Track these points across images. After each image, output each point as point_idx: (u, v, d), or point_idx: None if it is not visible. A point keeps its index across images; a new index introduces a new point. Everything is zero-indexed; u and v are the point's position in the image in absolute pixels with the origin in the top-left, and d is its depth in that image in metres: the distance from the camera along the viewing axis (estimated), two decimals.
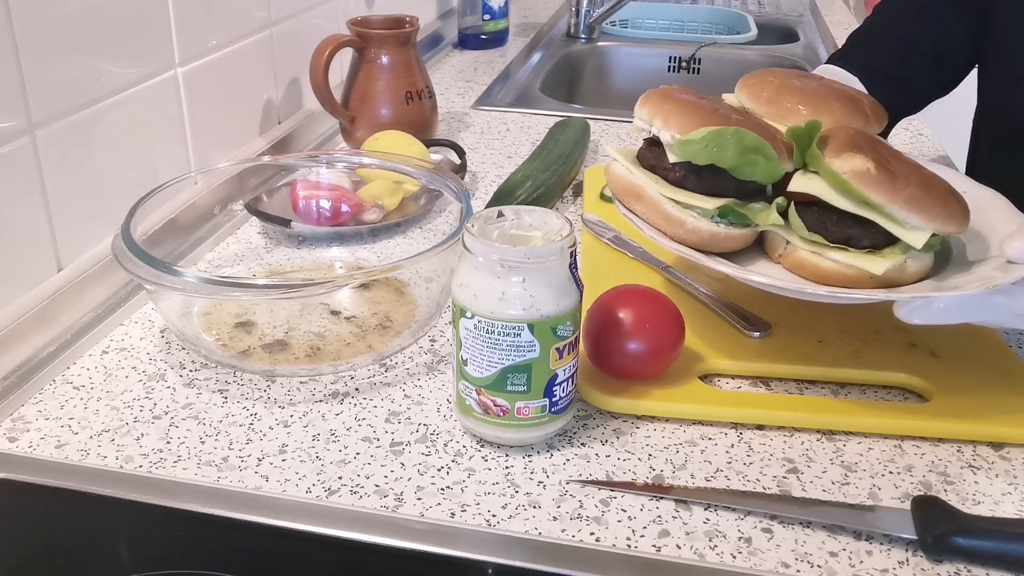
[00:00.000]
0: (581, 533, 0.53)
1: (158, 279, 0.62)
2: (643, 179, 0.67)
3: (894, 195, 0.60)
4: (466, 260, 0.56)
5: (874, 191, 0.60)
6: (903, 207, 0.60)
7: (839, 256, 0.62)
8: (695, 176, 0.65)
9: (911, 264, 0.62)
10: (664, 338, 0.62)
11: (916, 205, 0.60)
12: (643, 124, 0.68)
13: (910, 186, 0.60)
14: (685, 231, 0.65)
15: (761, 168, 0.63)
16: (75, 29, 0.70)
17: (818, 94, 0.72)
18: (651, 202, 0.66)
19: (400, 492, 0.56)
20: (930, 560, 0.52)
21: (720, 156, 0.63)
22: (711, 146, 0.62)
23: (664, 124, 0.65)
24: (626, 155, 0.70)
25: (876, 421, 0.62)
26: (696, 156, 0.63)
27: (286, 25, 1.04)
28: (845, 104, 0.71)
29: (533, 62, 1.58)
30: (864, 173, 0.60)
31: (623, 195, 0.69)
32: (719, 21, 1.89)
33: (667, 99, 0.67)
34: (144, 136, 0.80)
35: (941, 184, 0.63)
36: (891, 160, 0.62)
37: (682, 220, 0.64)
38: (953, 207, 0.62)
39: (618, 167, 0.69)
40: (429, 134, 1.07)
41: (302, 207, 0.88)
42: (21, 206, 0.66)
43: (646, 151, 0.68)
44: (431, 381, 0.67)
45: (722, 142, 0.62)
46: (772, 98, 0.72)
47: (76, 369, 0.67)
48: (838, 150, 0.62)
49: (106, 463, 0.58)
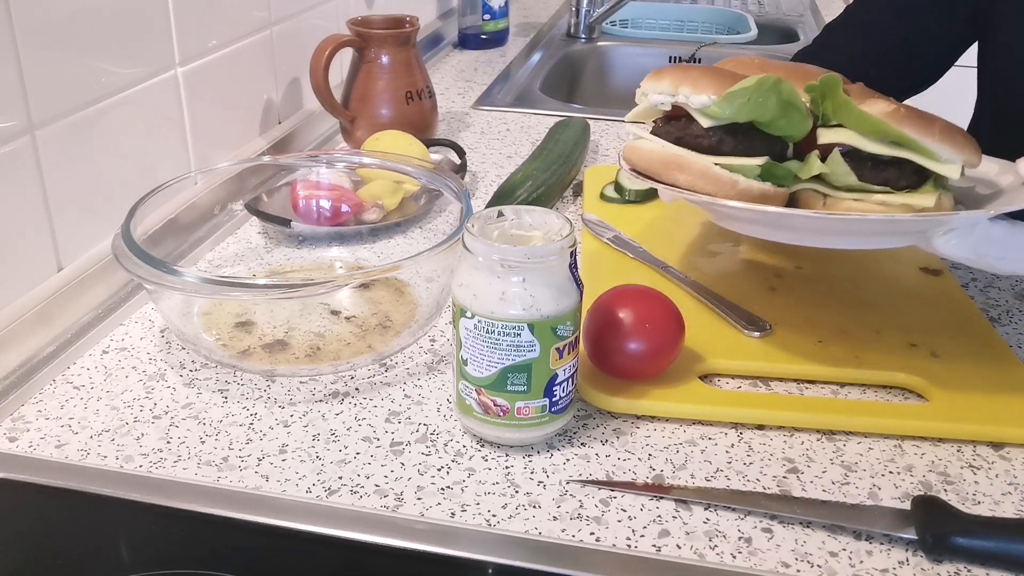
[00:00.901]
0: (581, 533, 0.53)
1: (158, 279, 0.62)
2: (680, 149, 0.65)
3: (927, 129, 0.61)
4: (466, 260, 0.56)
5: (909, 127, 0.61)
6: (937, 139, 0.61)
7: (886, 198, 0.62)
8: (731, 139, 0.64)
9: (945, 200, 0.63)
10: (664, 338, 0.62)
11: (948, 137, 0.61)
12: (663, 97, 0.66)
13: (937, 120, 0.62)
14: (737, 192, 0.63)
15: (796, 121, 0.63)
16: (75, 29, 0.70)
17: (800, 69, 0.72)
18: (699, 169, 0.64)
19: (400, 492, 0.56)
20: (930, 560, 0.52)
21: (763, 109, 0.62)
22: (755, 97, 0.62)
23: (695, 88, 0.64)
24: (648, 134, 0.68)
25: (876, 421, 0.62)
26: (740, 110, 0.62)
27: (286, 25, 1.04)
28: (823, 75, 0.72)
29: (533, 62, 1.58)
30: (895, 112, 0.61)
31: (660, 169, 0.66)
32: (719, 21, 1.89)
33: (688, 68, 0.66)
34: (144, 136, 0.80)
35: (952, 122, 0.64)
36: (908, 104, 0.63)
37: (735, 181, 0.63)
38: (971, 139, 0.63)
39: (647, 144, 0.67)
40: (429, 134, 1.07)
41: (302, 207, 0.88)
42: (21, 206, 0.66)
43: (667, 126, 0.67)
44: (431, 381, 0.67)
45: (765, 93, 0.62)
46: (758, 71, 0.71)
47: (76, 369, 0.67)
48: (860, 97, 0.62)
49: (106, 463, 0.58)
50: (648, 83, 0.68)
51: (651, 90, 0.68)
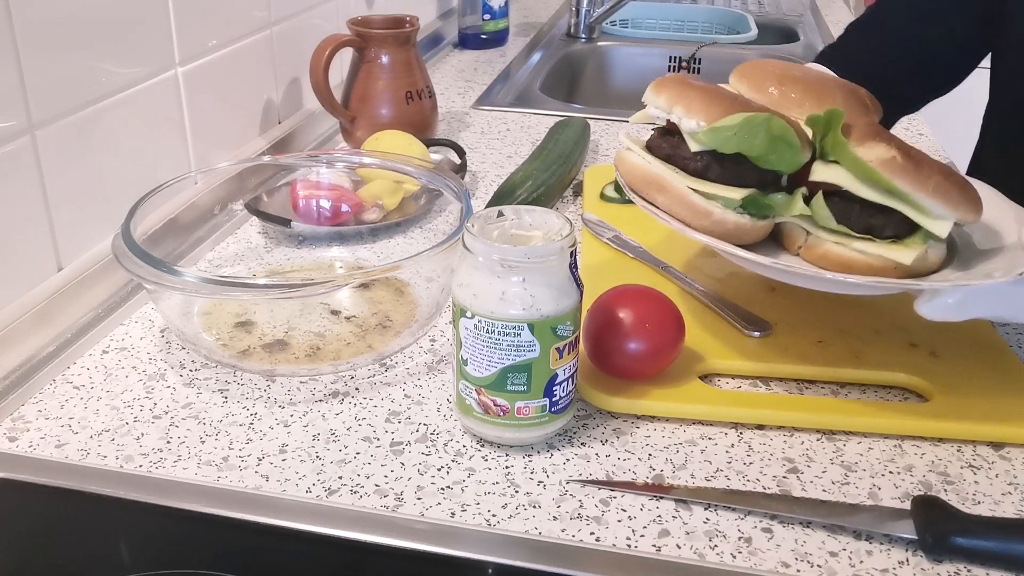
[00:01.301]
0: (581, 533, 0.53)
1: (158, 279, 0.62)
2: (664, 169, 0.65)
3: (921, 183, 0.59)
4: (466, 260, 0.56)
5: (901, 179, 0.59)
6: (930, 196, 0.59)
7: (865, 246, 0.61)
8: (718, 165, 0.63)
9: (931, 254, 0.62)
10: (664, 338, 0.62)
11: (942, 194, 0.59)
12: (659, 112, 0.66)
13: (935, 175, 0.60)
14: (711, 223, 0.63)
15: (787, 157, 0.62)
16: (75, 29, 0.70)
17: (820, 84, 0.71)
18: (675, 193, 0.64)
19: (400, 492, 0.56)
20: (930, 560, 0.52)
21: (750, 144, 0.61)
22: (742, 133, 0.61)
23: (687, 112, 0.63)
24: (638, 145, 0.68)
25: (876, 421, 0.62)
26: (725, 144, 0.62)
27: (286, 25, 1.04)
28: (847, 94, 0.71)
29: (533, 62, 1.58)
30: (890, 161, 0.59)
31: (642, 186, 0.66)
32: (719, 21, 1.89)
33: (687, 86, 0.65)
34: (144, 136, 0.80)
35: (957, 174, 0.62)
36: (911, 151, 0.61)
37: (709, 211, 0.62)
38: (972, 195, 0.61)
39: (634, 157, 0.67)
40: (429, 134, 1.07)
41: (302, 207, 0.88)
42: (21, 206, 0.66)
43: (660, 141, 0.66)
44: (431, 381, 0.67)
45: (753, 129, 0.61)
46: (775, 89, 0.70)
47: (76, 369, 0.67)
48: (861, 139, 0.61)
49: (106, 463, 0.58)
50: (648, 94, 0.68)
51: (650, 102, 0.67)
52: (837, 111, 0.62)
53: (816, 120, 0.63)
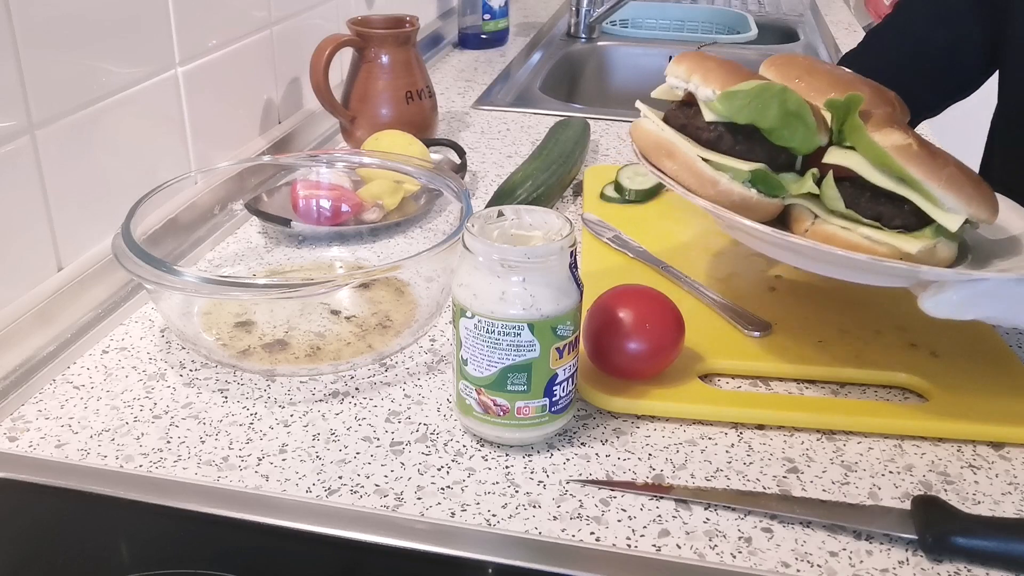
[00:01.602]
0: (581, 533, 0.53)
1: (158, 279, 0.62)
2: (675, 136, 0.65)
3: (935, 172, 0.58)
4: (466, 260, 0.56)
5: (915, 166, 0.58)
6: (943, 185, 0.58)
7: (871, 232, 0.60)
8: (731, 136, 0.63)
9: (941, 249, 0.61)
10: (664, 338, 0.62)
11: (954, 185, 0.59)
12: (678, 82, 0.66)
13: (949, 165, 0.59)
14: (716, 192, 0.62)
15: (800, 134, 0.62)
16: (75, 29, 0.70)
17: (847, 79, 0.70)
18: (683, 160, 0.63)
19: (400, 492, 0.56)
20: (930, 560, 0.52)
21: (762, 115, 0.61)
22: (756, 102, 0.60)
23: (704, 80, 0.63)
24: (655, 115, 0.68)
25: (876, 421, 0.62)
26: (738, 111, 0.61)
27: (286, 25, 1.04)
28: (873, 91, 0.70)
29: (533, 62, 1.58)
30: (906, 148, 0.59)
31: (652, 152, 0.66)
32: (719, 21, 1.89)
33: (706, 58, 0.65)
34: (144, 136, 0.80)
35: (972, 171, 0.62)
36: (928, 142, 0.61)
37: (716, 180, 0.62)
38: (986, 193, 0.61)
39: (648, 123, 0.67)
40: (429, 134, 1.07)
41: (302, 207, 0.88)
42: (21, 206, 0.66)
43: (676, 111, 0.66)
44: (431, 381, 0.67)
45: (766, 99, 0.60)
46: (801, 76, 0.69)
47: (76, 369, 0.67)
48: (878, 125, 0.60)
49: (106, 463, 0.58)
50: (670, 65, 0.68)
51: (670, 72, 0.67)
52: (856, 96, 0.62)
53: (835, 104, 0.62)
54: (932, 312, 0.58)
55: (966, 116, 1.10)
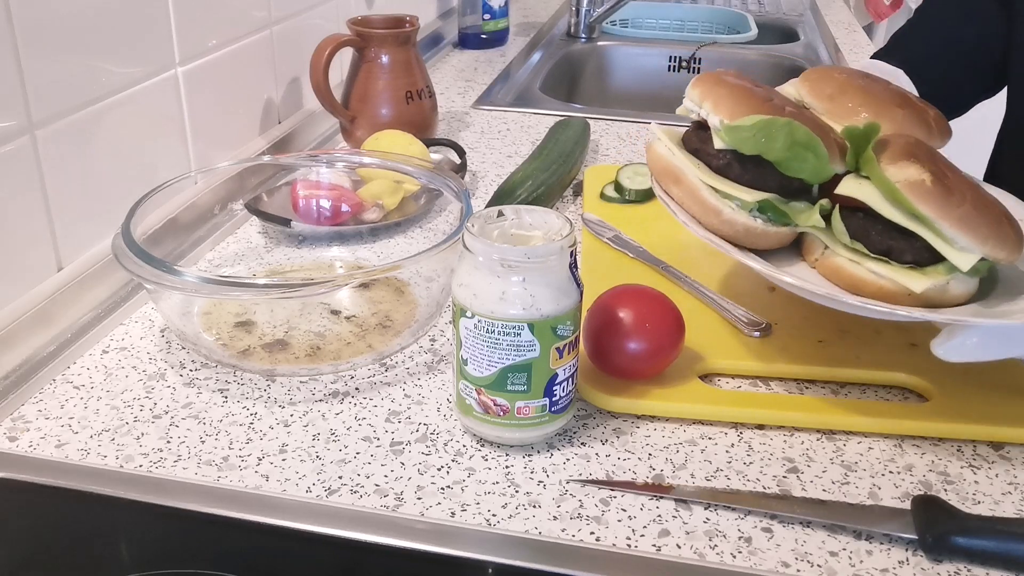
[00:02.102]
0: (581, 533, 0.53)
1: (158, 279, 0.62)
2: (684, 162, 0.64)
3: (946, 211, 0.57)
4: (466, 260, 0.56)
5: (926, 204, 0.57)
6: (954, 225, 0.57)
7: (879, 268, 0.59)
8: (739, 165, 0.62)
9: (954, 287, 0.59)
10: (664, 338, 0.62)
11: (967, 225, 0.57)
12: (692, 106, 0.66)
13: (964, 204, 0.57)
14: (720, 221, 0.62)
15: (809, 165, 0.61)
16: (75, 29, 0.70)
17: (881, 98, 0.69)
18: (689, 187, 0.64)
19: (400, 492, 0.56)
20: (930, 560, 0.52)
21: (768, 147, 0.60)
22: (760, 135, 0.60)
23: (714, 108, 0.63)
24: (670, 136, 0.67)
25: (876, 421, 0.62)
26: (743, 144, 0.61)
27: (286, 25, 1.04)
28: (909, 112, 0.68)
29: (533, 62, 1.58)
30: (918, 184, 0.57)
31: (661, 176, 0.66)
32: (719, 21, 1.89)
33: (720, 83, 0.64)
34: (144, 136, 0.80)
35: (997, 207, 0.60)
36: (948, 175, 0.59)
37: (719, 209, 0.62)
38: (1007, 232, 0.59)
39: (660, 147, 0.67)
40: (429, 134, 1.07)
41: (302, 206, 0.88)
42: (21, 206, 0.66)
43: (692, 134, 0.66)
44: (431, 381, 0.67)
45: (772, 132, 0.60)
46: (834, 95, 0.69)
47: (76, 369, 0.67)
48: (894, 157, 0.59)
49: (106, 463, 0.58)
50: (688, 87, 0.67)
51: (686, 95, 0.67)
52: (874, 125, 0.61)
53: (853, 132, 0.61)
54: (945, 358, 0.57)
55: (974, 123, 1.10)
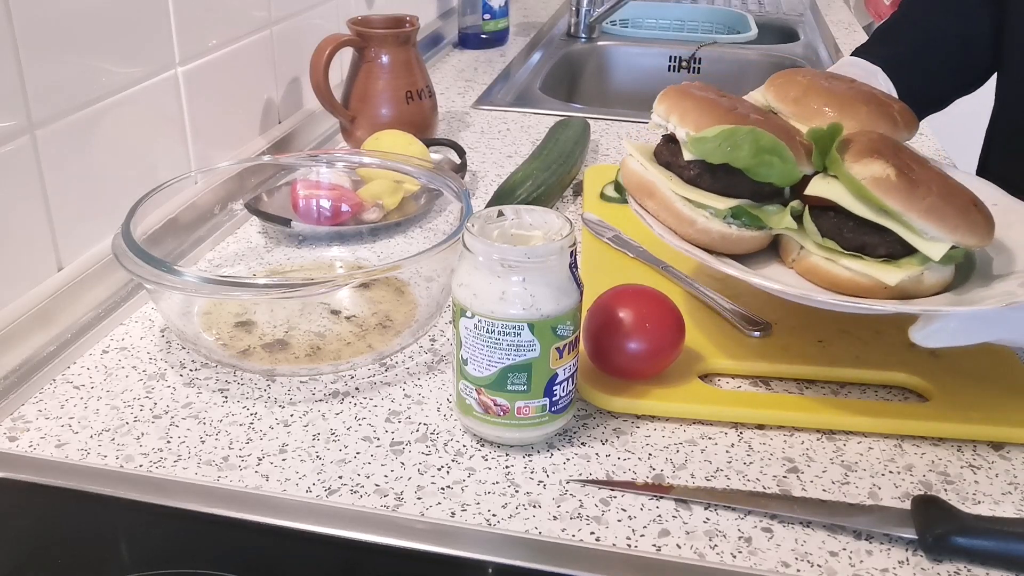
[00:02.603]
0: (581, 533, 0.53)
1: (158, 279, 0.62)
2: (656, 175, 0.66)
3: (912, 203, 0.58)
4: (466, 259, 0.56)
5: (892, 198, 0.58)
6: (921, 216, 0.58)
7: (853, 264, 0.61)
8: (710, 175, 0.64)
9: (929, 276, 0.61)
10: (664, 338, 0.62)
11: (935, 215, 0.58)
12: (660, 120, 0.67)
13: (931, 195, 0.59)
14: (695, 230, 0.64)
15: (776, 170, 0.62)
16: (75, 29, 0.70)
17: (846, 96, 0.71)
18: (662, 199, 0.65)
19: (400, 492, 0.56)
20: (930, 560, 0.52)
21: (734, 156, 0.62)
22: (725, 145, 0.61)
23: (680, 121, 0.65)
24: (642, 151, 0.69)
25: (876, 421, 0.62)
26: (710, 154, 0.62)
27: (286, 25, 1.04)
28: (873, 108, 0.70)
29: (533, 62, 1.58)
30: (883, 179, 0.59)
31: (636, 191, 0.68)
32: (719, 21, 1.89)
33: (685, 96, 0.66)
34: (144, 136, 0.80)
35: (965, 194, 0.61)
36: (913, 167, 0.60)
37: (693, 219, 0.64)
38: (975, 219, 0.60)
39: (632, 162, 0.68)
40: (429, 134, 1.07)
41: (302, 206, 0.88)
42: (21, 206, 0.66)
43: (663, 147, 0.67)
44: (431, 381, 0.67)
45: (736, 141, 0.61)
46: (798, 98, 0.71)
47: (76, 368, 0.67)
48: (859, 155, 0.60)
49: (106, 463, 0.58)
50: (655, 102, 0.69)
51: (654, 110, 0.68)
52: (836, 126, 0.62)
53: (816, 134, 0.63)
54: (923, 343, 0.58)
55: (963, 114, 1.10)
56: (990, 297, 0.59)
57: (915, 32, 0.95)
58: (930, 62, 0.92)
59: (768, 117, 0.66)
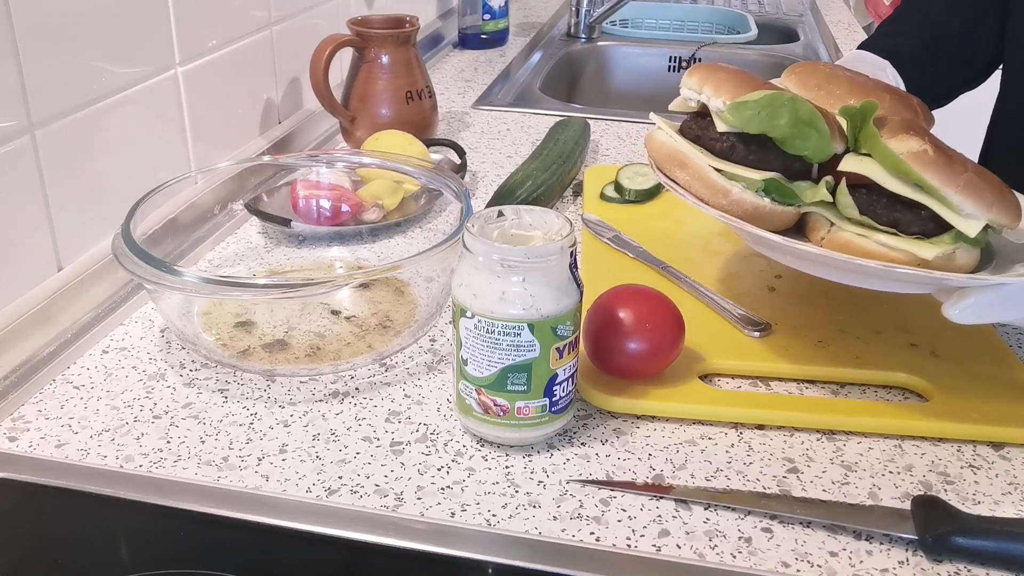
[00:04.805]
0: (581, 533, 0.53)
1: (158, 279, 0.62)
2: (688, 147, 0.65)
3: (952, 178, 0.58)
4: (466, 260, 0.56)
5: (931, 173, 0.58)
6: (960, 191, 0.58)
7: (887, 239, 0.60)
8: (743, 147, 0.63)
9: (960, 255, 0.60)
10: (664, 338, 0.62)
11: (973, 191, 0.58)
12: (691, 93, 0.66)
13: (967, 171, 0.58)
14: (728, 201, 0.62)
15: (813, 142, 0.61)
16: (75, 29, 0.70)
17: (867, 86, 0.70)
18: (695, 170, 0.64)
19: (400, 492, 0.56)
20: (930, 560, 0.52)
21: (773, 124, 0.61)
22: (765, 112, 0.60)
23: (715, 91, 0.64)
24: (669, 126, 0.68)
25: (876, 421, 0.62)
26: (748, 122, 0.61)
27: (286, 25, 1.04)
28: (896, 98, 0.70)
29: (533, 62, 1.58)
30: (922, 154, 0.58)
31: (665, 162, 0.67)
32: (719, 21, 1.89)
33: (718, 69, 0.66)
34: (144, 136, 0.80)
35: (994, 176, 0.61)
36: (945, 147, 0.60)
37: (727, 189, 0.62)
38: (1009, 198, 0.60)
39: (661, 135, 0.67)
40: (429, 134, 1.07)
41: (302, 207, 0.88)
42: (21, 206, 0.66)
43: (691, 123, 0.67)
44: (431, 381, 0.67)
45: (776, 109, 0.60)
46: (821, 85, 0.70)
47: (76, 369, 0.67)
48: (894, 131, 0.60)
49: (106, 463, 0.58)
50: (684, 77, 0.68)
51: (684, 84, 0.68)
52: (871, 103, 0.61)
53: (850, 110, 0.62)
54: (957, 319, 0.57)
55: (965, 110, 1.10)
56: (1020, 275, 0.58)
57: (920, 25, 0.95)
58: (936, 55, 0.92)
59: None
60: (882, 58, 0.87)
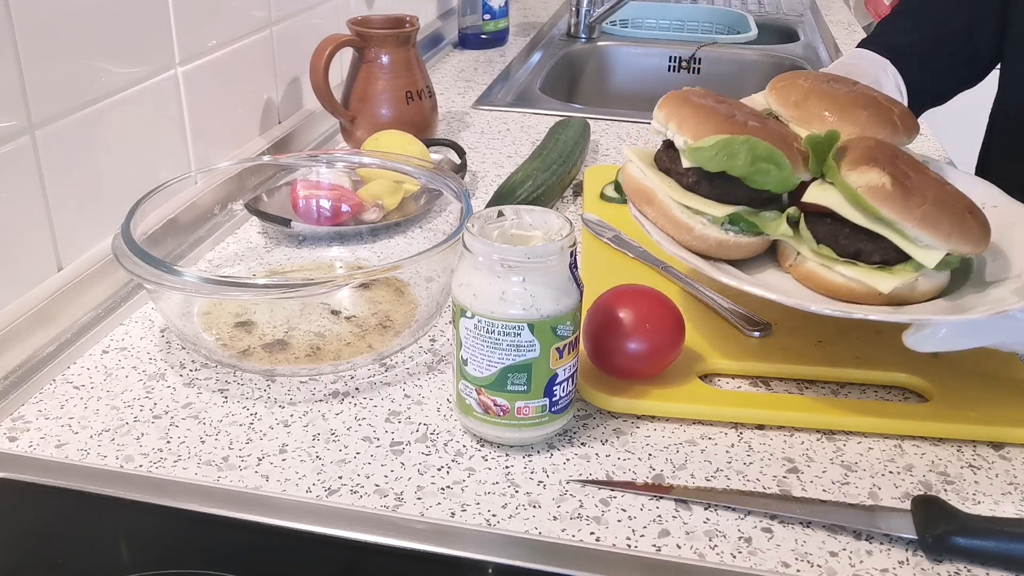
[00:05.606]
0: (581, 533, 0.53)
1: (158, 279, 0.62)
2: (655, 182, 0.67)
3: (907, 212, 0.59)
4: (466, 260, 0.56)
5: (887, 207, 0.59)
6: (915, 225, 0.59)
7: (848, 270, 0.61)
8: (708, 182, 0.64)
9: (923, 283, 0.61)
10: (664, 338, 0.62)
11: (929, 223, 0.59)
12: (659, 127, 0.68)
13: (925, 203, 0.59)
14: (692, 237, 0.65)
15: (773, 177, 0.63)
16: (75, 29, 0.70)
17: (846, 100, 0.71)
18: (660, 206, 0.66)
19: (400, 492, 0.56)
20: (930, 560, 0.52)
21: (731, 164, 0.62)
22: (721, 154, 0.62)
23: (678, 129, 0.65)
24: (642, 157, 0.69)
25: (876, 421, 0.62)
26: (707, 163, 0.63)
27: (286, 25, 1.04)
28: (873, 113, 0.70)
29: (533, 62, 1.58)
30: (878, 188, 0.59)
31: (635, 197, 0.68)
32: (719, 21, 1.89)
33: (684, 103, 0.67)
34: (144, 136, 0.80)
35: (961, 202, 0.62)
36: (910, 175, 0.61)
37: (690, 226, 0.64)
38: (969, 226, 0.60)
39: (632, 168, 0.69)
40: (429, 134, 1.07)
41: (302, 207, 0.88)
42: (21, 206, 0.66)
43: (663, 153, 0.68)
44: (431, 381, 0.67)
45: (732, 150, 0.62)
46: (799, 102, 0.71)
47: (76, 369, 0.67)
48: (855, 163, 0.61)
49: (106, 463, 0.58)
50: (655, 108, 0.69)
51: (654, 116, 0.69)
52: (834, 133, 0.63)
53: (813, 140, 0.64)
54: (916, 348, 0.58)
55: (964, 109, 1.10)
56: (982, 304, 0.59)
57: (922, 23, 0.95)
58: (937, 53, 0.92)
59: (766, 123, 0.66)
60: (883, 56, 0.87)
